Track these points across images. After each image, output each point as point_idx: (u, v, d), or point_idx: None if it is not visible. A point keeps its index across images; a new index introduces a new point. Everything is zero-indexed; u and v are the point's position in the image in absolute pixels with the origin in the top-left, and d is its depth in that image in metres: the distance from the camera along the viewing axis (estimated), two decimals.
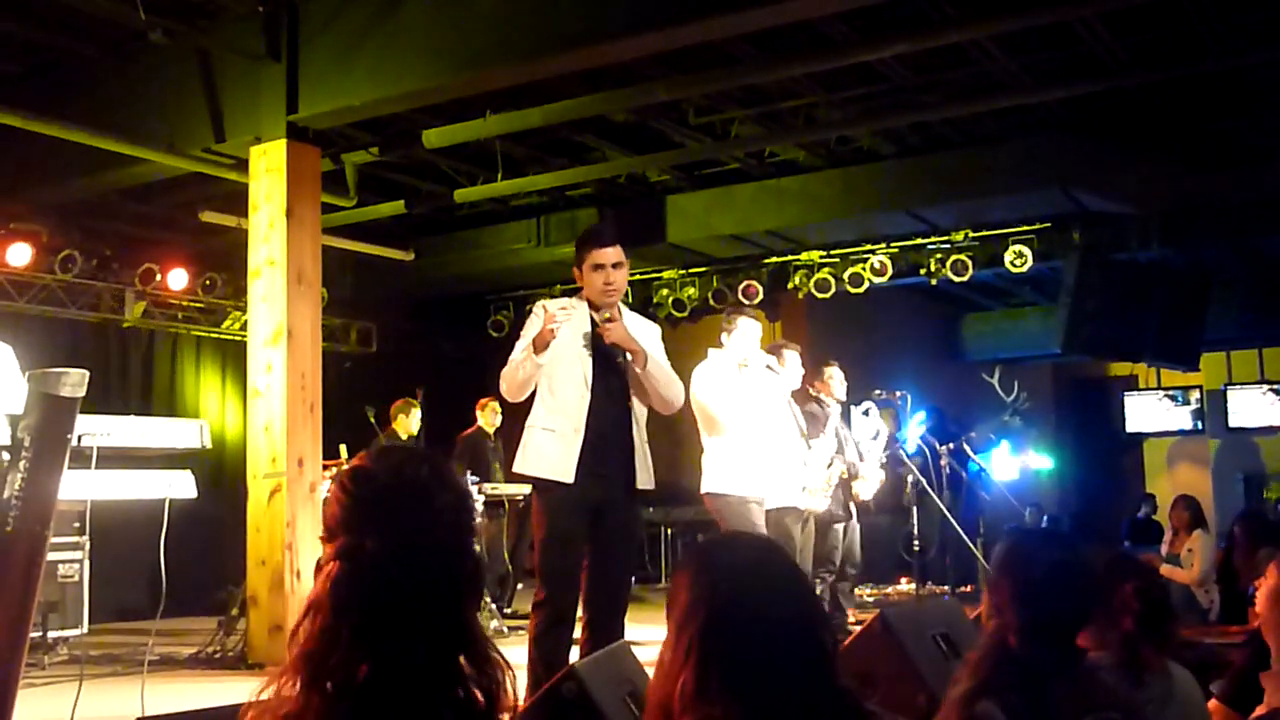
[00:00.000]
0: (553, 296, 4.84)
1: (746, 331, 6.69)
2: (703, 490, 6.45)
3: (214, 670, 7.60)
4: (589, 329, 4.87)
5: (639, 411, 4.95)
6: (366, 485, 1.74)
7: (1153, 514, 15.94)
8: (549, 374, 4.84)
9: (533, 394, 4.92)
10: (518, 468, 4.92)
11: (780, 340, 7.79)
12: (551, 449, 4.79)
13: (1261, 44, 8.06)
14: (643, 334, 5.04)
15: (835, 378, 8.30)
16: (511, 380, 4.80)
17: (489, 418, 10.30)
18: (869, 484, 8.24)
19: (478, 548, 1.75)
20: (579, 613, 4.86)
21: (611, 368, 4.85)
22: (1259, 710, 3.47)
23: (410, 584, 1.64)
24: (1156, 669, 3.04)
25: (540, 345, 4.70)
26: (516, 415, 5.16)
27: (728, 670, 1.82)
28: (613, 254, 4.92)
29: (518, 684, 1.71)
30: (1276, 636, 3.61)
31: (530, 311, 4.91)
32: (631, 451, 4.88)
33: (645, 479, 4.91)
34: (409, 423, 10.21)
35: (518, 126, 9.29)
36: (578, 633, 4.84)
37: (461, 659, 1.65)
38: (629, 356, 4.85)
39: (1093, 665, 2.65)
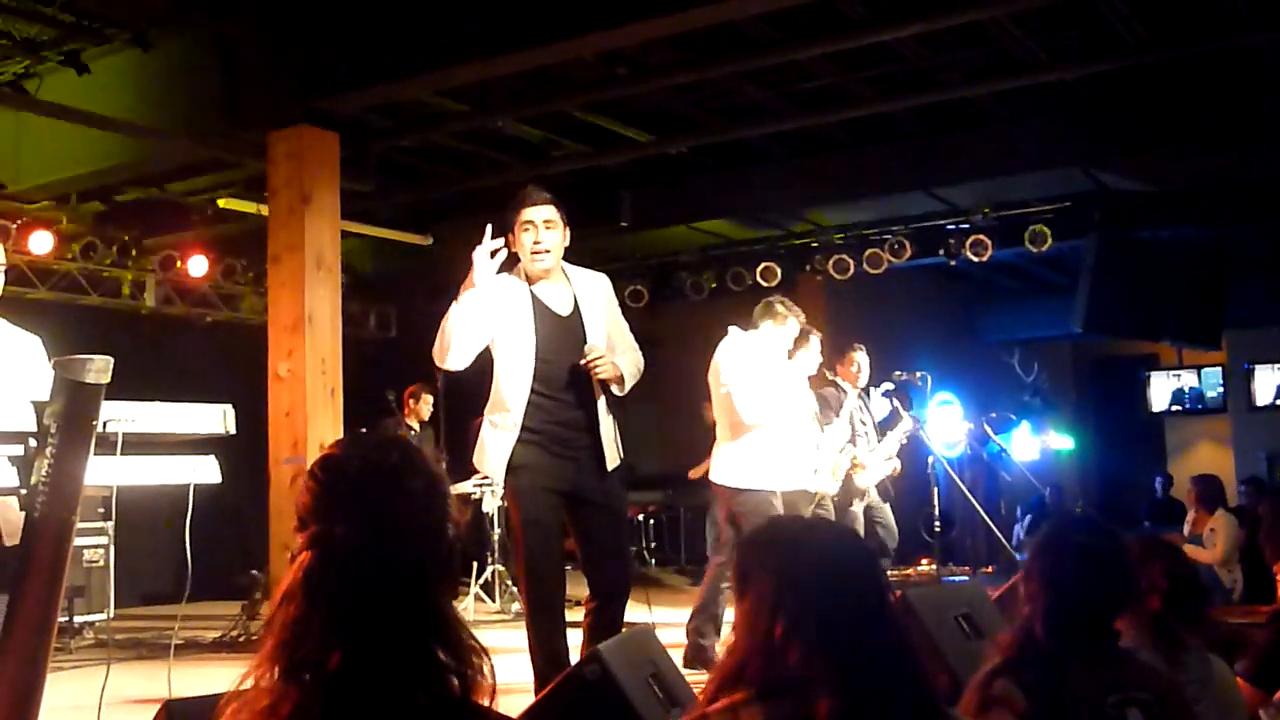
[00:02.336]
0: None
1: (813, 348, 6.72)
2: (718, 480, 6.42)
3: (238, 654, 7.66)
4: (530, 311, 4.62)
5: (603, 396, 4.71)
6: (336, 473, 1.73)
7: (1169, 492, 15.88)
8: (497, 362, 4.66)
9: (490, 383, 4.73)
10: (475, 462, 4.78)
11: (803, 324, 7.77)
12: (492, 447, 4.63)
13: (1274, 20, 7.98)
14: (594, 290, 4.80)
15: (860, 363, 8.26)
16: (441, 338, 4.57)
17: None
18: (870, 474, 8.18)
19: (452, 532, 1.73)
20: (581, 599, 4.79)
21: (567, 352, 4.60)
22: None
23: (382, 571, 1.64)
24: (1192, 649, 3.03)
25: (467, 285, 4.47)
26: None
27: (806, 655, 1.84)
28: (544, 212, 4.69)
29: (495, 670, 1.70)
30: None
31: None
32: (596, 431, 4.66)
33: (612, 455, 4.68)
34: (422, 409, 10.24)
35: (535, 110, 9.29)
36: (578, 615, 4.73)
37: (436, 644, 1.65)
38: (589, 344, 4.61)
39: (1128, 648, 2.65)
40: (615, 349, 4.77)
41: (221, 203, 10.51)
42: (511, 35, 7.51)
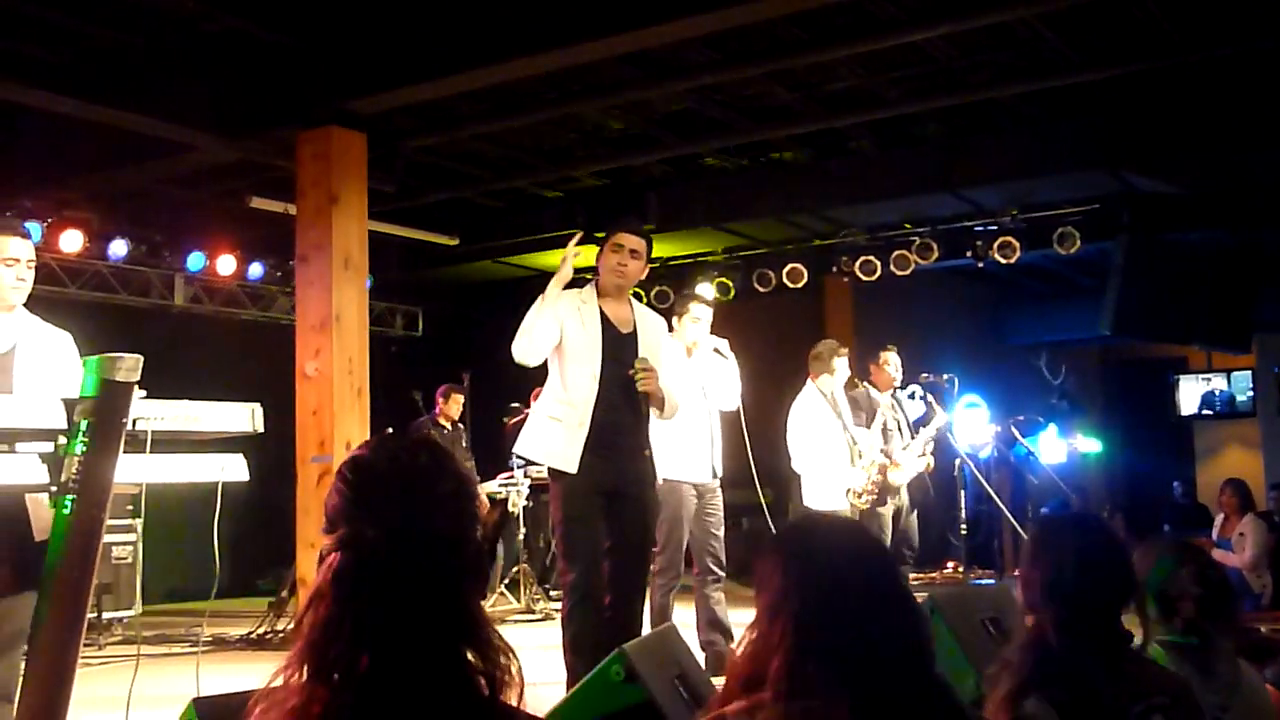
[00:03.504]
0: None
1: (695, 314, 6.78)
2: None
3: (266, 651, 7.69)
4: (599, 322, 5.01)
5: (647, 407, 5.10)
6: (365, 474, 1.73)
7: (1189, 496, 15.76)
8: (562, 363, 5.01)
9: (544, 379, 5.09)
10: (520, 449, 5.11)
11: (834, 341, 7.84)
12: (556, 439, 4.94)
13: None
14: (652, 324, 5.24)
15: (892, 363, 8.27)
16: (524, 335, 4.91)
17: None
18: (904, 471, 8.19)
19: (480, 533, 1.74)
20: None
21: (622, 364, 4.98)
22: None
23: (412, 573, 1.64)
24: (1222, 654, 3.01)
25: (556, 283, 4.93)
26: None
27: (825, 656, 1.83)
28: (635, 241, 5.10)
29: (523, 669, 1.70)
30: None
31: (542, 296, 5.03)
32: (643, 442, 5.06)
33: (654, 476, 5.12)
34: (451, 408, 10.28)
35: (565, 112, 9.30)
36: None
37: (465, 646, 1.65)
38: (640, 356, 5.00)
39: (1139, 651, 2.61)
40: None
41: (251, 202, 10.55)
42: (540, 36, 7.52)
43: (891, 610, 1.88)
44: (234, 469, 3.90)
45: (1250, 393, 17.14)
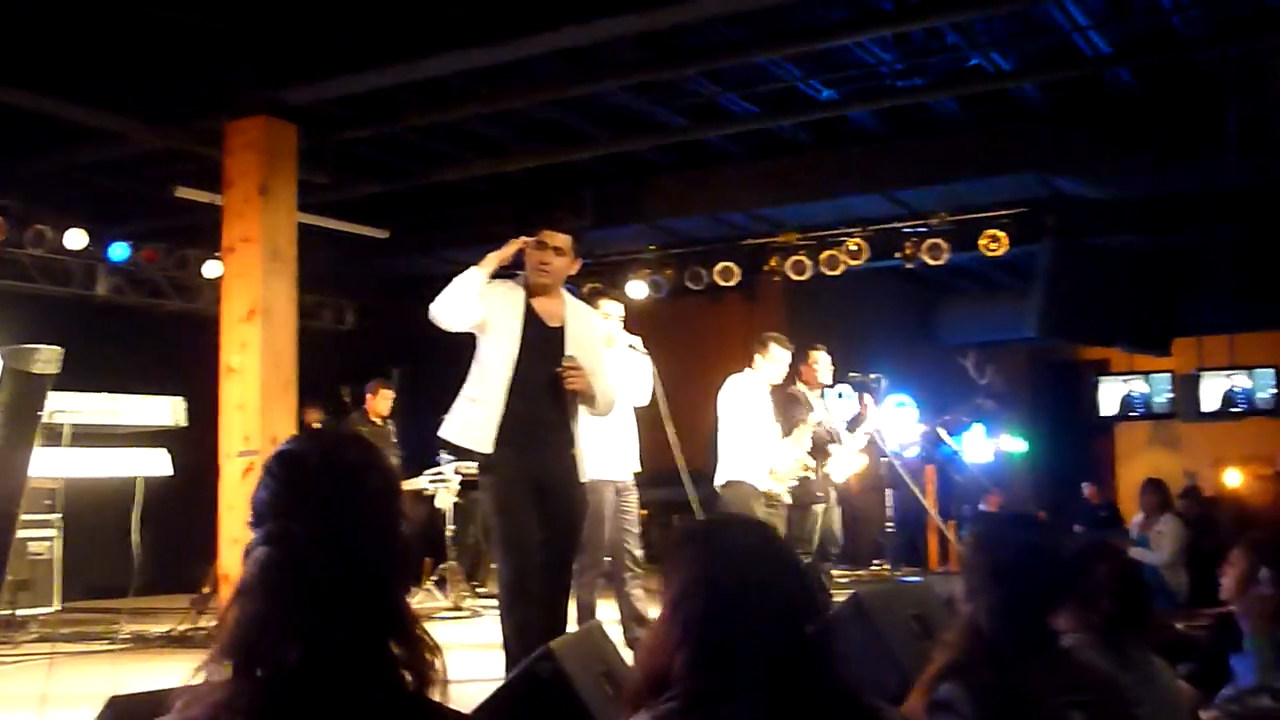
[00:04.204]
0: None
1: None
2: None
3: (187, 649, 7.58)
4: (522, 312, 4.97)
5: (576, 406, 5.07)
6: (294, 469, 1.72)
7: (1104, 497, 16.04)
8: (481, 347, 5.01)
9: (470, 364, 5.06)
10: (443, 432, 5.07)
11: (773, 334, 7.86)
12: (472, 418, 4.93)
13: (1236, 35, 8.09)
14: (584, 320, 5.20)
15: (820, 362, 8.31)
16: (448, 293, 4.94)
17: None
18: (841, 466, 8.25)
19: (406, 529, 1.75)
20: None
21: (545, 358, 4.94)
22: (1226, 690, 3.51)
23: (341, 567, 1.63)
24: (1137, 649, 3.07)
25: (495, 260, 4.96)
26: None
27: (725, 651, 1.83)
28: (560, 239, 5.03)
29: (447, 664, 1.70)
30: (1251, 620, 3.66)
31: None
32: (568, 438, 5.01)
33: (581, 474, 5.06)
34: (380, 404, 10.20)
35: (499, 106, 9.27)
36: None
37: (392, 641, 1.65)
38: (565, 353, 4.96)
39: (1070, 647, 2.66)
40: (591, 374, 5.07)
41: (177, 192, 10.39)
42: (475, 30, 7.48)
43: (793, 607, 1.89)
44: (156, 464, 3.84)
45: (1169, 395, 17.48)
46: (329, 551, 1.64)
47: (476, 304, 4.93)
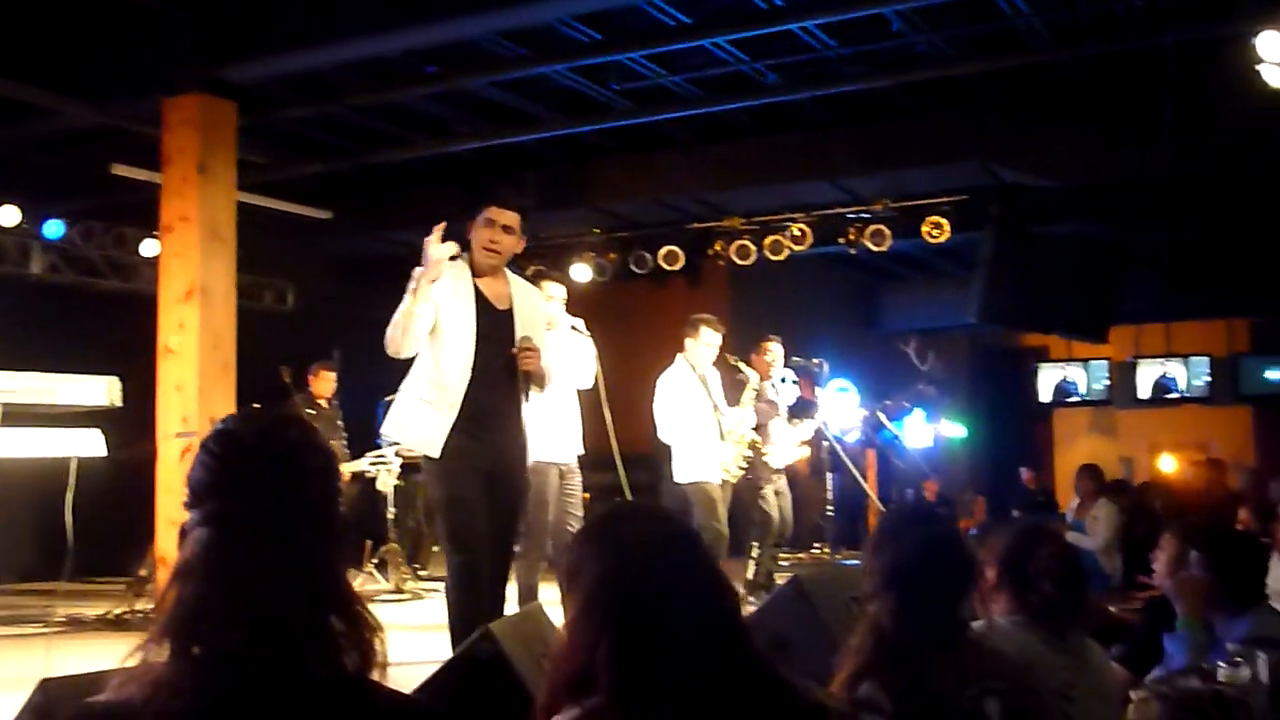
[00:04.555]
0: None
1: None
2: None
3: (124, 632, 7.50)
4: (473, 301, 4.86)
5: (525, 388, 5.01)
6: (233, 448, 1.72)
7: (1040, 482, 16.26)
8: (434, 345, 4.85)
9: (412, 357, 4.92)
10: (389, 432, 5.03)
11: (703, 316, 7.89)
12: (425, 423, 4.82)
13: (1176, 24, 8.19)
14: (529, 297, 5.11)
15: (772, 353, 8.33)
16: (397, 331, 4.74)
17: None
18: (780, 452, 8.29)
19: (344, 508, 1.76)
20: None
21: (497, 343, 4.86)
22: (1156, 672, 3.58)
23: (280, 547, 1.64)
24: (1071, 632, 3.12)
25: (427, 281, 4.68)
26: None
27: (643, 642, 1.83)
28: (508, 216, 4.94)
29: (388, 644, 1.70)
30: (1182, 603, 3.73)
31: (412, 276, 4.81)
32: (520, 424, 4.96)
33: (527, 457, 5.04)
34: (321, 386, 10.11)
35: (444, 86, 9.21)
36: None
37: (333, 620, 1.65)
38: (518, 338, 4.89)
39: (978, 637, 2.69)
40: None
41: (115, 170, 10.24)
42: (420, 9, 7.43)
43: (702, 591, 1.90)
44: (89, 444, 3.80)
45: (1106, 382, 17.73)
46: (268, 531, 1.64)
47: (429, 318, 4.78)
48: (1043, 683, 2.74)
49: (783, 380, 8.65)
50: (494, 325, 4.89)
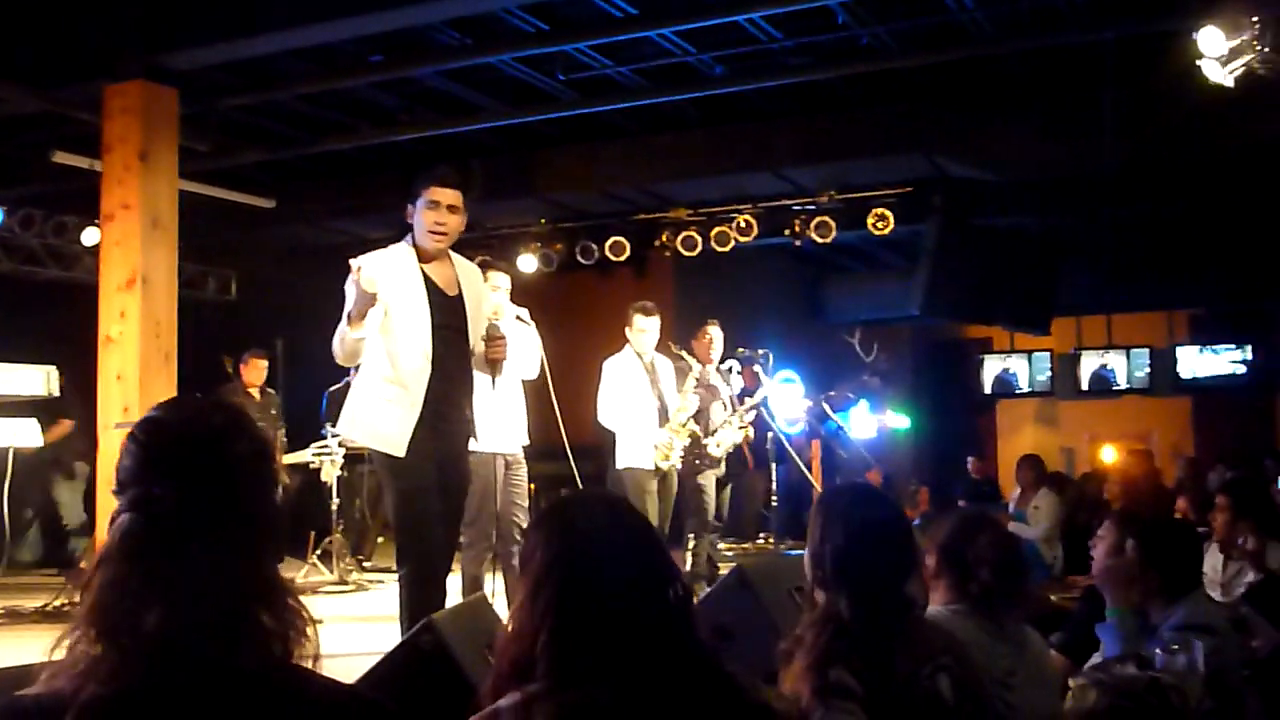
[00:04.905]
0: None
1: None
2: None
3: (62, 624, 7.38)
4: (424, 290, 4.74)
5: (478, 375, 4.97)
6: (158, 434, 1.71)
7: (985, 472, 16.42)
8: (388, 340, 4.72)
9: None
10: (346, 431, 4.85)
11: (637, 304, 7.88)
12: (388, 422, 4.68)
13: (1117, 19, 8.28)
14: (473, 277, 5.00)
15: (710, 335, 8.33)
16: (342, 353, 4.66)
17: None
18: (723, 443, 8.29)
19: (279, 497, 1.75)
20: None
21: (451, 330, 4.78)
22: (1094, 659, 3.62)
23: (202, 533, 1.62)
24: (1013, 620, 3.14)
25: (357, 317, 4.50)
26: None
27: (572, 624, 1.84)
28: (452, 196, 4.82)
29: (319, 634, 1.68)
30: (1112, 591, 3.78)
31: (354, 268, 4.62)
32: (469, 416, 4.89)
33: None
34: (252, 374, 10.00)
35: (389, 75, 9.15)
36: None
37: (260, 609, 1.63)
38: (470, 325, 4.84)
39: (934, 615, 2.71)
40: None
41: (54, 157, 10.08)
42: None
43: (646, 577, 1.90)
44: (25, 434, 3.73)
45: (1049, 373, 17.93)
46: (190, 518, 1.62)
47: (373, 326, 4.63)
48: (983, 670, 2.76)
49: (729, 370, 8.64)
50: (447, 313, 4.78)
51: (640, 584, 1.89)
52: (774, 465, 8.71)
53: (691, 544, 8.16)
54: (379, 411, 4.71)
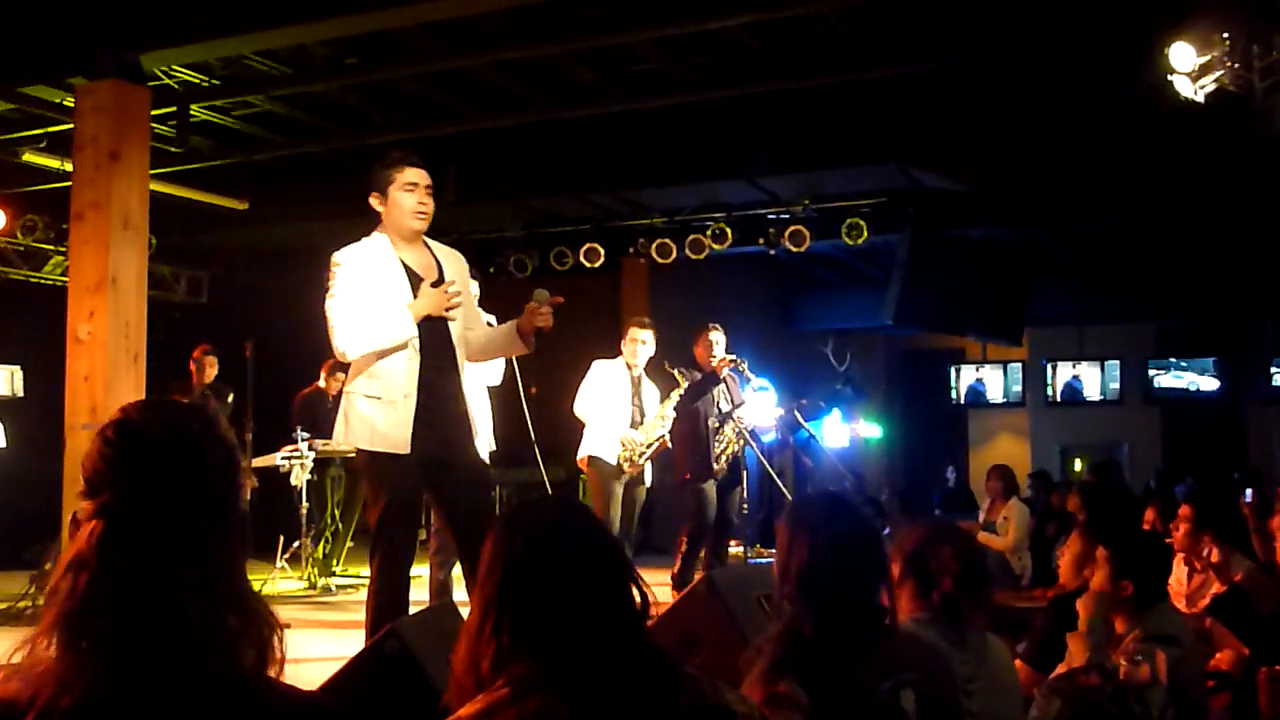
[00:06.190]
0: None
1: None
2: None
3: (26, 626, 7.32)
4: (405, 280, 4.57)
5: (467, 367, 4.78)
6: (133, 439, 1.68)
7: (959, 482, 16.52)
8: None
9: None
10: (345, 439, 4.57)
11: (636, 317, 7.90)
12: (381, 419, 4.48)
13: (1091, 32, 8.34)
14: (455, 262, 4.82)
15: (716, 342, 8.18)
16: (374, 354, 4.48)
17: (332, 383, 9.98)
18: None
19: (246, 504, 1.74)
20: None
21: (435, 320, 4.59)
22: (1060, 669, 3.64)
23: (176, 542, 1.61)
24: (974, 630, 3.15)
25: (416, 317, 4.45)
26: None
27: (531, 629, 1.84)
28: (425, 175, 4.68)
29: (286, 642, 1.67)
30: (1083, 600, 3.79)
31: (333, 263, 4.58)
32: (465, 408, 4.69)
33: (485, 440, 4.84)
34: (198, 372, 9.84)
35: (364, 78, 9.13)
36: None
37: (229, 616, 1.62)
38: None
39: (899, 625, 2.71)
40: (473, 322, 4.83)
41: (25, 156, 10.02)
42: None
43: (595, 580, 1.90)
44: None
45: (1020, 384, 18.05)
46: (165, 525, 1.61)
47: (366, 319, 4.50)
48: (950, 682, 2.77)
49: (745, 385, 8.52)
50: (435, 316, 4.60)
51: (597, 588, 1.89)
52: (744, 473, 8.67)
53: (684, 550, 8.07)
54: (370, 411, 4.50)
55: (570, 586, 1.87)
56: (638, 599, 1.95)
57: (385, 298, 4.52)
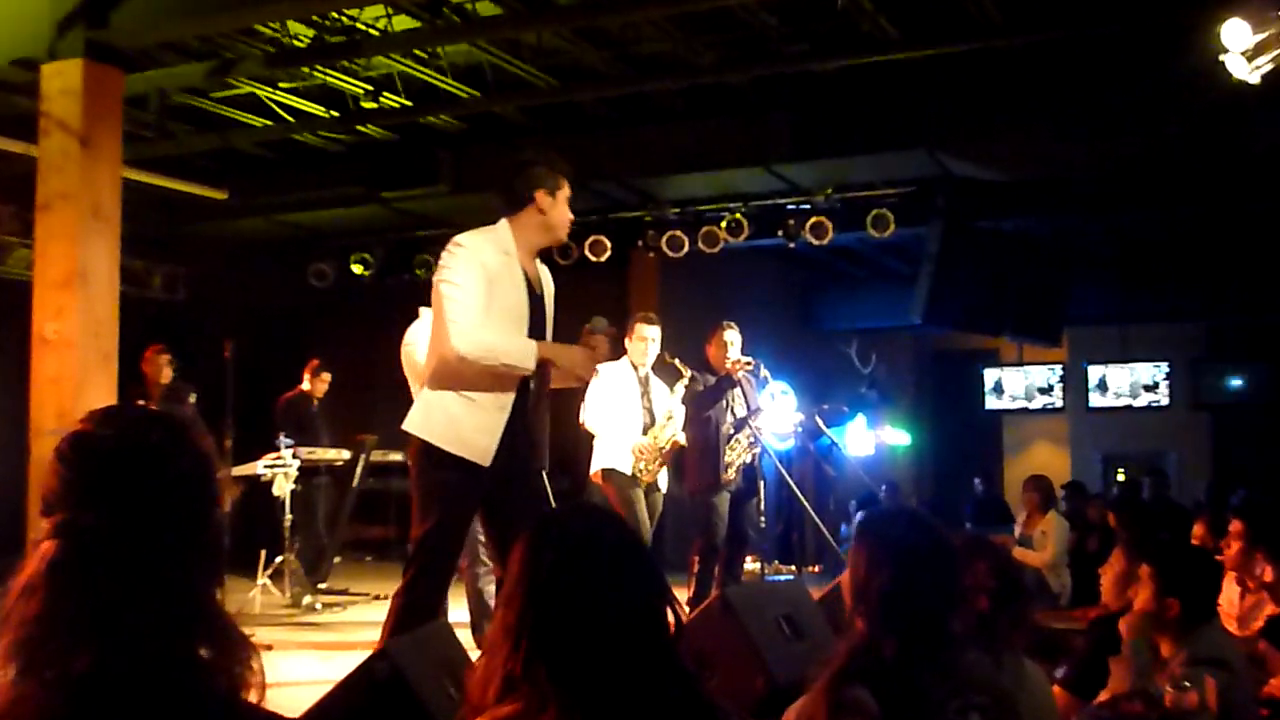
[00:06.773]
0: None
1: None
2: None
3: None
4: (525, 286, 4.65)
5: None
6: (88, 453, 1.67)
7: (993, 492, 16.45)
8: None
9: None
10: (420, 430, 4.51)
11: (641, 313, 7.88)
12: (469, 422, 4.48)
13: (1133, 10, 8.32)
14: (549, 280, 4.98)
15: (731, 342, 8.16)
16: (490, 365, 4.45)
17: (317, 384, 9.96)
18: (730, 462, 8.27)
19: (222, 516, 1.71)
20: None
21: (538, 332, 4.69)
22: (1101, 696, 3.63)
23: (138, 562, 1.60)
24: (1011, 651, 3.15)
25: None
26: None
27: (553, 651, 1.84)
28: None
29: (264, 665, 1.67)
30: (1129, 626, 3.78)
31: (458, 245, 4.59)
32: (541, 423, 4.79)
33: (544, 455, 4.84)
34: (152, 371, 9.73)
35: (348, 58, 9.14)
36: None
37: (199, 640, 1.61)
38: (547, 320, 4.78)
39: (964, 651, 2.73)
40: None
41: None
42: None
43: (627, 598, 1.90)
44: None
45: (1059, 387, 17.99)
46: (125, 547, 1.60)
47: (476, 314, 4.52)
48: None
49: (763, 390, 8.51)
50: (537, 313, 4.71)
51: (628, 604, 1.89)
52: (761, 483, 8.65)
53: (697, 568, 8.07)
54: (460, 410, 4.48)
55: (601, 608, 1.87)
56: (671, 621, 1.96)
57: (506, 306, 4.57)
